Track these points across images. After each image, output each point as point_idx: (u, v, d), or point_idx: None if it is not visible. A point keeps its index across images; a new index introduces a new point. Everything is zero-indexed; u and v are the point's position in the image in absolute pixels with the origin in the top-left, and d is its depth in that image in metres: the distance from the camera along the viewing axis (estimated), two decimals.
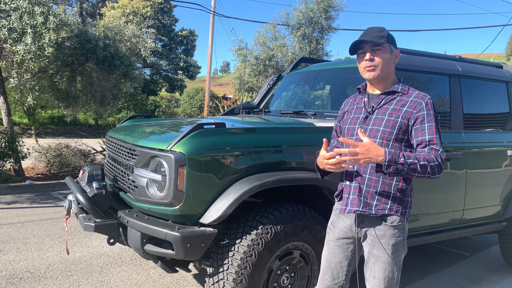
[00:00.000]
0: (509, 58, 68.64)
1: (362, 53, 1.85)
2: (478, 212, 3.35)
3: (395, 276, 1.85)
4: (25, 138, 8.56)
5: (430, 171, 1.69)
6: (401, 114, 1.78)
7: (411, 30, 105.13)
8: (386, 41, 1.80)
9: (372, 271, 1.86)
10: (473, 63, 3.59)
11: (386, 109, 1.82)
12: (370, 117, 1.85)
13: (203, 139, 2.19)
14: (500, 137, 3.51)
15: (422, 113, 1.76)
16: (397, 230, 1.81)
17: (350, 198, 1.83)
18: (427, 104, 1.78)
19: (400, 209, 1.79)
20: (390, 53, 1.84)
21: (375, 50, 1.81)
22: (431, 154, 1.71)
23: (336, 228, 1.95)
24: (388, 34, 1.83)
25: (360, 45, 1.84)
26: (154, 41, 11.94)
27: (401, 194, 1.80)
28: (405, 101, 1.81)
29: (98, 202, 2.45)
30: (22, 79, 6.15)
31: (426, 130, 1.75)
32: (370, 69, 1.82)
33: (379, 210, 1.78)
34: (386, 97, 1.86)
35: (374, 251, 1.83)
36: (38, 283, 3.17)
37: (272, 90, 4.29)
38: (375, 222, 1.82)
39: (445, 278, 3.62)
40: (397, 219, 1.80)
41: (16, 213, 5.19)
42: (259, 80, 15.64)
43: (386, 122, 1.79)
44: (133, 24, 7.63)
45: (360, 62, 1.87)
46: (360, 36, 1.84)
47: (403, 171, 1.68)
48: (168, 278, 3.35)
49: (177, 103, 27.88)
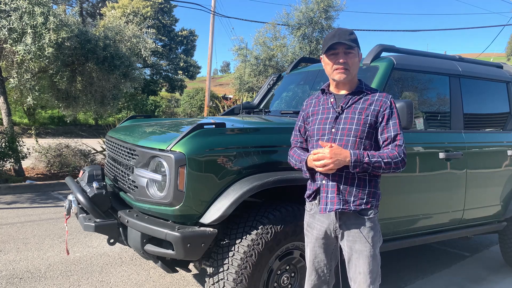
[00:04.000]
0: (509, 58, 68.63)
1: (333, 54, 1.89)
2: (478, 212, 3.35)
3: (378, 268, 1.92)
4: (25, 138, 8.57)
5: (394, 166, 1.81)
6: (370, 112, 1.87)
7: (411, 30, 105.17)
8: (356, 46, 1.87)
9: (357, 267, 1.89)
10: (473, 63, 3.59)
11: (355, 108, 1.89)
12: (341, 116, 1.89)
13: (203, 139, 2.19)
14: (500, 137, 3.51)
15: (388, 111, 1.87)
16: (373, 223, 1.89)
17: (329, 197, 1.86)
18: (391, 103, 1.89)
19: (374, 201, 1.88)
20: (358, 56, 1.92)
21: (348, 53, 1.87)
22: (394, 151, 1.82)
23: (314, 229, 1.99)
24: (356, 37, 1.90)
25: (334, 46, 1.87)
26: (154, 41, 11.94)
27: (374, 187, 1.89)
28: (371, 99, 1.90)
29: (98, 202, 2.45)
30: (22, 79, 6.15)
31: (391, 127, 1.86)
32: (341, 72, 1.88)
33: (357, 206, 1.85)
34: (353, 97, 1.92)
35: (356, 247, 1.88)
36: (38, 283, 3.17)
37: (272, 90, 4.29)
38: (352, 218, 1.88)
39: (445, 278, 3.62)
40: (372, 211, 1.88)
41: (16, 213, 5.19)
42: (259, 80, 15.64)
43: (358, 121, 1.86)
44: (133, 24, 7.63)
45: (331, 62, 1.90)
46: (334, 37, 1.86)
47: (369, 169, 1.79)
48: (168, 278, 3.36)
49: (177, 103, 27.89)
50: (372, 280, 1.87)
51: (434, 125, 3.17)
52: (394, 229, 2.89)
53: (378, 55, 3.01)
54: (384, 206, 2.78)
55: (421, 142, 2.95)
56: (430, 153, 2.95)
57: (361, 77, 3.01)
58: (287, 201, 2.46)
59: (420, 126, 3.05)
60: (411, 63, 3.02)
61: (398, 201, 2.85)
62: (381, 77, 2.82)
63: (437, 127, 3.17)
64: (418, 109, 3.12)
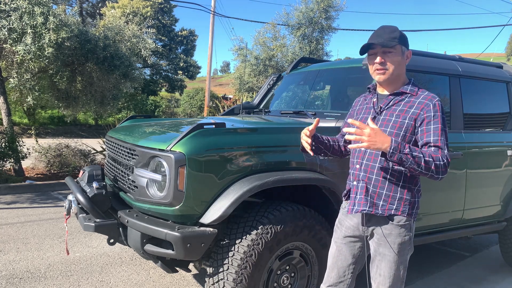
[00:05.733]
0: (509, 58, 68.60)
1: (372, 54, 1.83)
2: (478, 212, 3.35)
3: (401, 274, 1.86)
4: (25, 138, 8.57)
5: (434, 169, 1.65)
6: (408, 116, 1.78)
7: (411, 30, 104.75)
8: (398, 43, 1.78)
9: (378, 268, 1.87)
10: (473, 63, 3.59)
11: (394, 110, 1.82)
12: (378, 117, 1.85)
13: (203, 139, 2.19)
14: (500, 137, 3.51)
15: (428, 114, 1.75)
16: (404, 229, 1.82)
17: (357, 198, 1.85)
18: (435, 105, 1.76)
19: (407, 209, 1.80)
20: (402, 54, 1.81)
21: (386, 53, 1.79)
22: (437, 153, 1.68)
23: (343, 226, 1.98)
24: (400, 34, 1.79)
25: (372, 46, 1.81)
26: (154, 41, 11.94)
27: (407, 195, 1.81)
28: (413, 102, 1.80)
29: (98, 202, 2.45)
30: (22, 79, 6.15)
31: (431, 131, 1.73)
32: (380, 72, 1.81)
33: (385, 210, 1.80)
34: (394, 98, 1.85)
35: (381, 250, 1.85)
36: (38, 283, 3.17)
37: (272, 90, 4.29)
38: (382, 221, 1.84)
39: (445, 278, 3.62)
40: (403, 219, 1.81)
41: (16, 213, 5.19)
42: (259, 80, 15.64)
43: (393, 124, 1.79)
44: (133, 24, 7.63)
45: (371, 63, 1.85)
46: (371, 37, 1.81)
47: (407, 162, 1.62)
48: (168, 278, 3.35)
49: (177, 103, 27.88)
50: (391, 285, 1.83)
51: None
52: None
53: None
54: None
55: None
56: None
57: (361, 77, 3.02)
58: (287, 201, 2.46)
59: None
60: (411, 63, 3.01)
61: None
62: None
63: None
64: None
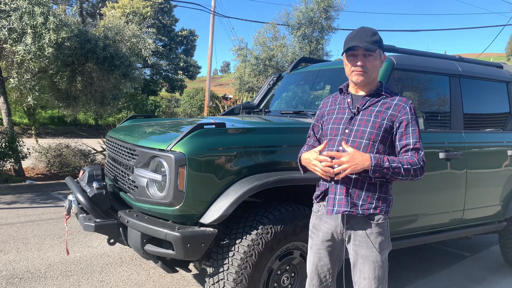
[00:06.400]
0: (509, 58, 68.59)
1: (352, 55, 1.83)
2: (478, 212, 3.35)
3: (385, 274, 1.87)
4: (25, 138, 8.57)
5: (413, 173, 1.75)
6: (387, 117, 1.81)
7: (411, 30, 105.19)
8: (378, 47, 1.81)
9: (362, 272, 1.85)
10: (473, 63, 3.59)
11: (372, 110, 1.84)
12: (356, 118, 1.85)
13: (203, 139, 2.19)
14: (500, 137, 3.51)
15: (406, 117, 1.81)
16: (382, 229, 1.84)
17: (336, 199, 1.82)
18: (411, 109, 1.83)
19: (384, 207, 1.83)
20: (379, 58, 1.85)
21: (367, 56, 1.81)
22: (414, 158, 1.76)
23: (320, 231, 1.94)
24: (380, 38, 1.83)
25: (353, 47, 1.81)
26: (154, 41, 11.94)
27: (385, 193, 1.84)
28: (390, 103, 1.84)
29: (98, 202, 2.45)
30: (22, 79, 6.15)
31: (410, 134, 1.80)
32: (359, 74, 1.82)
33: (365, 210, 1.80)
34: (371, 99, 1.87)
35: (362, 252, 1.83)
36: (38, 283, 3.17)
37: (272, 90, 4.29)
38: (361, 222, 1.83)
39: (445, 278, 3.62)
40: (382, 217, 1.83)
41: (16, 213, 5.19)
42: (259, 80, 15.65)
43: (372, 124, 1.81)
44: (133, 24, 7.63)
45: (349, 63, 1.85)
46: (354, 38, 1.81)
47: (388, 175, 1.73)
48: (168, 278, 3.35)
49: (177, 103, 27.88)
50: (376, 286, 1.83)
51: (434, 125, 3.17)
52: (394, 229, 2.88)
53: None
54: None
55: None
56: (430, 153, 2.95)
57: None
58: (287, 201, 2.46)
59: (420, 126, 3.04)
60: (411, 63, 3.02)
61: (398, 201, 2.84)
62: (381, 77, 2.81)
63: (437, 127, 3.17)
64: (418, 109, 3.12)
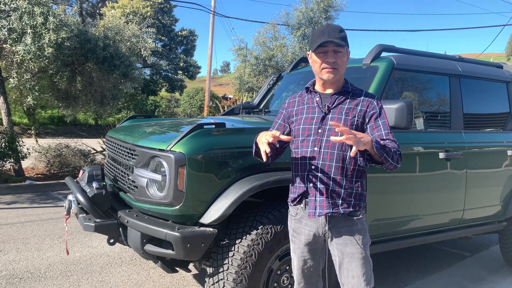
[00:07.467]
0: (509, 58, 68.63)
1: (323, 52, 1.80)
2: (478, 212, 3.35)
3: (371, 271, 1.86)
4: (25, 138, 8.57)
5: (398, 158, 1.72)
6: (357, 113, 1.81)
7: (411, 30, 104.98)
8: (346, 44, 1.80)
9: (349, 271, 1.83)
10: (473, 63, 3.59)
11: (342, 108, 1.82)
12: (327, 117, 1.82)
13: (203, 139, 2.19)
14: (500, 137, 3.51)
15: (375, 111, 1.81)
16: (362, 225, 1.84)
17: (317, 201, 1.79)
18: (378, 102, 1.84)
19: (362, 203, 1.84)
20: (347, 55, 1.84)
21: (337, 52, 1.79)
22: (394, 144, 1.75)
23: (301, 234, 1.90)
24: (346, 35, 1.82)
25: (324, 44, 1.78)
26: (154, 41, 11.94)
27: (361, 189, 1.84)
28: (358, 100, 1.83)
29: (98, 202, 2.45)
30: (22, 79, 6.15)
31: (381, 126, 1.80)
32: (330, 71, 1.80)
33: (346, 208, 1.79)
34: (339, 97, 1.84)
35: (348, 250, 1.81)
36: (38, 283, 3.17)
37: (272, 90, 4.29)
38: (342, 220, 1.82)
39: (445, 278, 3.62)
40: (360, 212, 1.83)
41: (16, 213, 5.19)
42: (259, 80, 15.65)
43: (344, 122, 1.79)
44: (133, 24, 7.63)
45: (319, 60, 1.81)
46: (323, 35, 1.77)
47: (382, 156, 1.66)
48: (168, 278, 3.35)
49: (177, 103, 27.89)
50: (366, 283, 1.81)
51: (434, 125, 3.17)
52: (394, 229, 2.89)
53: (378, 55, 3.00)
54: (384, 206, 2.78)
55: (421, 142, 2.94)
56: (430, 153, 2.95)
57: (361, 77, 3.02)
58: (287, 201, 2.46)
59: (420, 126, 3.05)
60: (411, 63, 3.02)
61: (398, 201, 2.85)
62: (381, 77, 2.82)
63: (437, 127, 3.17)
64: (418, 109, 3.12)
